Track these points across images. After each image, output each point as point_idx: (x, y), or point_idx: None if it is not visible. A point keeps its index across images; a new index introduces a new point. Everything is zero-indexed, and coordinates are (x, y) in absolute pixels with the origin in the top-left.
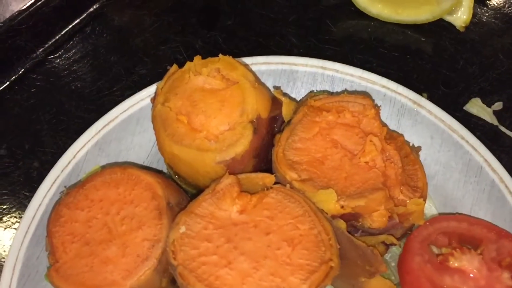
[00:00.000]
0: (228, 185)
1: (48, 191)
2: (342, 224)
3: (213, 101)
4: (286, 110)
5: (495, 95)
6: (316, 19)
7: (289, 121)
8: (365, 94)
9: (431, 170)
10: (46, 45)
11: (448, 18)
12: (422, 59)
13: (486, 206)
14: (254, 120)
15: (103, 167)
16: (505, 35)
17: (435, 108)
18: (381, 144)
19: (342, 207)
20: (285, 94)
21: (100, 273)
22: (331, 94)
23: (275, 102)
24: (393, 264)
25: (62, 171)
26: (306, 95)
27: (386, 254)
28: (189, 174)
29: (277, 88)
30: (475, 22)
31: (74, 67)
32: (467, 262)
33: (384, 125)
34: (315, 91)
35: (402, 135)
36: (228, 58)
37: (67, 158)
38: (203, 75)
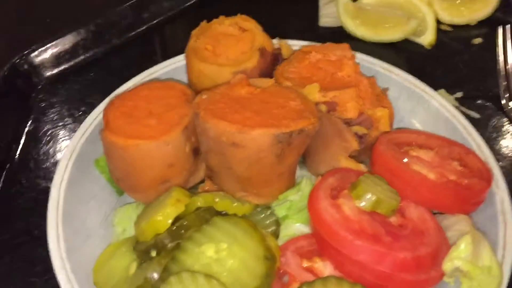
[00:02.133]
0: (239, 78)
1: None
2: (323, 108)
3: (232, 40)
4: (285, 51)
5: (457, 88)
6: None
7: (286, 59)
8: None
9: (399, 115)
10: None
11: (417, 40)
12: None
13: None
14: (261, 48)
15: None
16: (464, 52)
17: (402, 72)
18: (356, 70)
19: (323, 96)
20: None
21: (142, 132)
22: None
23: (277, 48)
24: None
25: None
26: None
27: None
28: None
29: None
30: (438, 43)
31: None
32: (423, 153)
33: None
34: None
35: (374, 77)
36: (244, 16)
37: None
38: (225, 25)
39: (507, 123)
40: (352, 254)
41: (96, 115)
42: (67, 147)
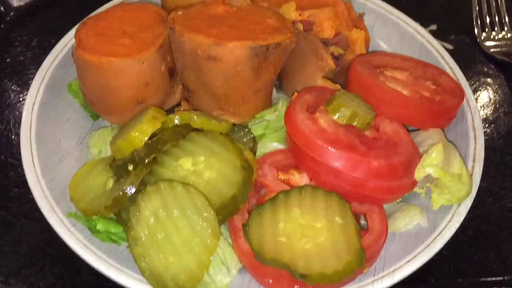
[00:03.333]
0: None
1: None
2: (300, 26)
3: None
4: None
5: (431, 22)
6: None
7: None
8: None
9: (374, 42)
10: None
11: None
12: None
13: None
14: None
15: None
16: None
17: (378, 1)
18: None
19: (300, 14)
20: None
21: (117, 50)
22: None
23: None
24: None
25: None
26: None
27: None
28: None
29: None
30: None
31: None
32: (398, 74)
33: None
34: None
35: (351, 3)
36: None
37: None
38: None
39: (479, 53)
40: (328, 162)
41: (68, 40)
42: (39, 71)
